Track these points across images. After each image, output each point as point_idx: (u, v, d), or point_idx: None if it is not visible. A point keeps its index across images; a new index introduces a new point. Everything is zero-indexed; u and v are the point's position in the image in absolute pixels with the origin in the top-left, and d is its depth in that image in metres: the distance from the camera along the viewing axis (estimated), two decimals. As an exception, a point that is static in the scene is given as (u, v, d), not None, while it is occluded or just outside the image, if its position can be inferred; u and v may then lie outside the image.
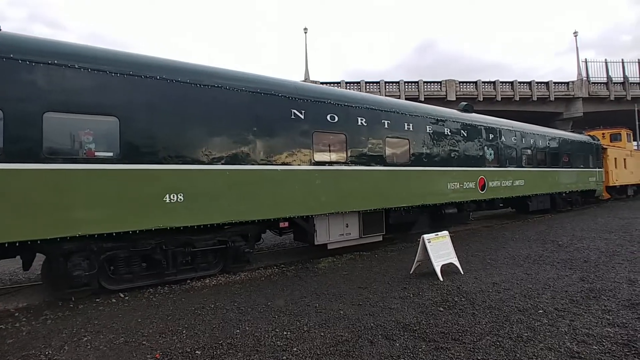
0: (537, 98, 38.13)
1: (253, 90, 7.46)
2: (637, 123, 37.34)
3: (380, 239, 9.85)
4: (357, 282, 6.55)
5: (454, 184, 11.47)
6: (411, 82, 36.78)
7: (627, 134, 25.98)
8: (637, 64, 42.00)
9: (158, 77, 6.39)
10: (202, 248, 7.15)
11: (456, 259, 6.89)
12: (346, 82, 35.60)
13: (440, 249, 6.76)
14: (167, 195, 6.39)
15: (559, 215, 16.72)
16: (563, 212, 17.57)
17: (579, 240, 9.72)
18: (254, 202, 7.34)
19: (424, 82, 36.76)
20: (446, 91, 36.61)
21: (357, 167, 9.03)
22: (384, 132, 9.68)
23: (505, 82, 38.22)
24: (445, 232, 7.04)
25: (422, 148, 10.58)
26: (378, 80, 36.21)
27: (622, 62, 41.28)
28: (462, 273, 6.78)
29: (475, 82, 37.55)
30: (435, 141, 10.97)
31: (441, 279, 6.37)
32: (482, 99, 37.04)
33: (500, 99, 37.69)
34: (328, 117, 8.57)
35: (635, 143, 31.86)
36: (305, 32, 38.43)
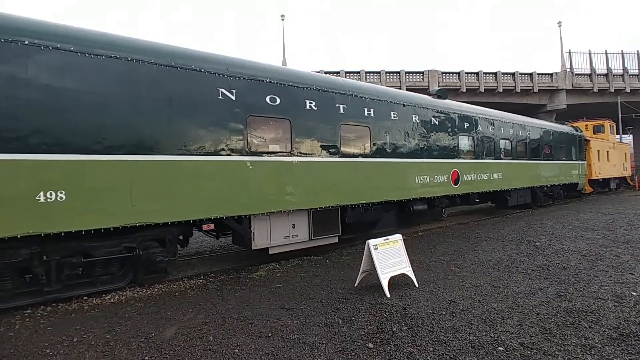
0: (521, 89, 37.25)
1: (165, 64, 6.06)
2: (619, 115, 36.92)
3: (336, 240, 8.59)
4: (285, 298, 5.28)
5: (424, 178, 10.26)
6: (393, 73, 35.45)
7: (610, 125, 25.27)
8: (620, 55, 41.53)
9: (21, 43, 4.94)
10: (102, 257, 5.79)
11: (410, 268, 5.66)
12: (326, 72, 34.15)
13: (389, 256, 5.52)
14: (42, 194, 4.99)
15: (540, 210, 15.76)
16: (544, 207, 16.63)
17: (559, 241, 8.62)
18: (166, 200, 5.98)
19: (406, 72, 35.49)
20: (429, 82, 35.42)
21: (305, 159, 7.72)
22: (340, 118, 8.38)
23: (489, 73, 37.20)
24: (397, 237, 5.80)
25: (386, 137, 9.32)
26: (358, 70, 34.82)
27: (606, 54, 40.70)
28: (417, 285, 5.57)
29: (458, 73, 36.45)
30: (401, 129, 9.72)
31: (388, 294, 5.14)
32: (465, 90, 35.98)
33: (483, 90, 36.69)
34: (267, 99, 7.22)
35: (617, 136, 31.37)
36: (283, 20, 36.82)
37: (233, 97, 6.76)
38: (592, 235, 9.22)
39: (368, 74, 34.84)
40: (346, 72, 34.60)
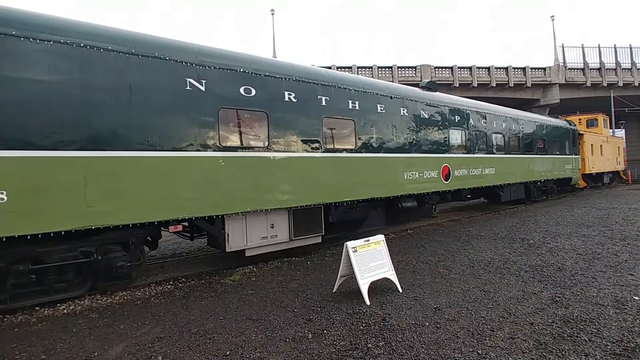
0: (514, 84, 36.93)
1: (125, 52, 5.51)
2: (612, 110, 36.77)
3: (319, 240, 8.10)
4: (255, 307, 4.78)
5: (412, 174, 9.80)
6: (385, 67, 34.96)
7: (603, 119, 25.00)
8: (612, 49, 41.37)
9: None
10: (55, 264, 5.26)
11: (392, 272, 5.18)
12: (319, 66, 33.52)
13: (370, 259, 5.04)
14: (-22, 194, 4.45)
15: (533, 205, 15.39)
16: (538, 202, 16.28)
17: (553, 238, 8.21)
18: (127, 200, 5.44)
19: (398, 67, 35.00)
20: (421, 76, 34.94)
21: (284, 154, 7.21)
22: (322, 110, 7.87)
23: (482, 68, 36.83)
24: (379, 237, 5.32)
25: (372, 131, 8.82)
26: (350, 65, 34.28)
27: (599, 48, 40.50)
28: (400, 291, 5.10)
29: (451, 68, 36.03)
30: (388, 123, 9.23)
31: (367, 301, 4.66)
32: (458, 85, 35.56)
33: (476, 85, 36.32)
34: (242, 90, 6.69)
35: (610, 130, 31.19)
36: (273, 14, 36.10)
37: (202, 88, 6.22)
38: (588, 231, 8.82)
39: (360, 69, 34.28)
40: (337, 67, 34.05)
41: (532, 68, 37.59)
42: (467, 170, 11.68)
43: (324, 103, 7.88)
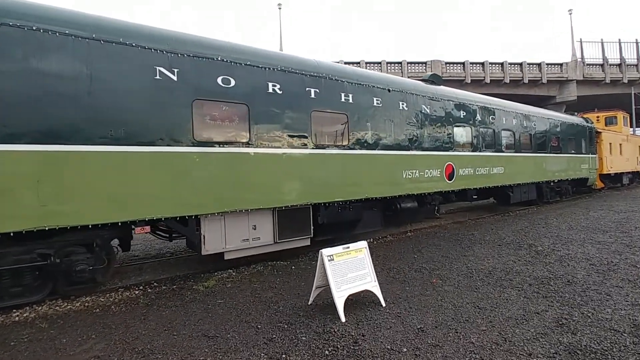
0: (529, 80, 35.67)
1: (85, 37, 5.02)
2: (633, 107, 35.18)
3: (308, 243, 7.54)
4: (217, 321, 4.26)
5: (412, 172, 9.15)
6: (394, 63, 34.14)
7: (623, 117, 23.72)
8: (634, 44, 39.61)
9: None
10: (7, 267, 4.84)
11: (376, 283, 4.59)
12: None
13: (349, 269, 4.46)
14: None
15: (546, 207, 14.53)
16: (551, 204, 15.39)
17: (564, 245, 7.48)
18: (87, 199, 4.97)
19: (408, 62, 34.13)
20: (432, 72, 34.09)
21: (267, 150, 6.66)
22: (311, 103, 7.28)
23: (495, 63, 35.68)
24: (361, 244, 4.73)
25: (367, 126, 8.20)
26: (358, 60, 33.54)
27: (619, 43, 38.83)
28: (384, 305, 4.51)
29: (463, 63, 34.98)
30: (386, 118, 8.59)
31: (343, 318, 4.09)
32: (470, 81, 34.49)
33: (489, 81, 35.19)
34: (219, 81, 6.16)
35: (631, 128, 29.77)
36: (280, 9, 35.60)
37: (174, 77, 5.71)
38: (603, 237, 8.05)
39: (368, 64, 33.56)
40: (345, 63, 33.35)
41: (548, 64, 36.29)
42: (473, 169, 10.95)
43: (313, 96, 7.30)
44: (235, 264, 6.87)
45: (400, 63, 34.05)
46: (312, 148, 7.27)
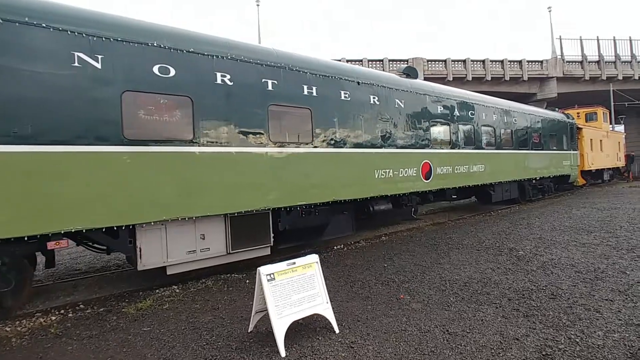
0: (510, 78, 35.56)
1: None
2: (611, 104, 35.48)
3: (267, 252, 6.75)
4: (131, 357, 3.46)
5: (386, 172, 8.46)
6: (375, 60, 33.59)
7: (603, 113, 23.66)
8: (612, 42, 40.02)
9: None
10: None
11: (328, 305, 3.84)
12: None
13: (295, 289, 3.70)
14: None
15: (528, 206, 14.10)
16: (533, 202, 14.98)
17: (547, 248, 6.89)
18: (-20, 210, 4.11)
19: (389, 60, 33.62)
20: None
21: (216, 149, 5.86)
22: (268, 97, 6.51)
23: (477, 61, 35.45)
24: (312, 259, 3.97)
25: (334, 122, 7.47)
26: (339, 58, 32.87)
27: (597, 40, 39.15)
28: (337, 331, 3.77)
29: (445, 61, 34.64)
30: (355, 113, 7.87)
31: (283, 352, 3.34)
32: (452, 79, 34.17)
33: (471, 79, 34.93)
34: (156, 70, 5.33)
35: (610, 125, 29.91)
36: (258, 5, 34.66)
37: (98, 65, 4.86)
38: (588, 239, 7.51)
39: (349, 61, 32.88)
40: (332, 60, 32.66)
41: (528, 61, 36.28)
42: (452, 167, 10.35)
43: (270, 87, 6.53)
44: (183, 278, 6.05)
45: (382, 60, 33.53)
46: (270, 146, 6.50)
